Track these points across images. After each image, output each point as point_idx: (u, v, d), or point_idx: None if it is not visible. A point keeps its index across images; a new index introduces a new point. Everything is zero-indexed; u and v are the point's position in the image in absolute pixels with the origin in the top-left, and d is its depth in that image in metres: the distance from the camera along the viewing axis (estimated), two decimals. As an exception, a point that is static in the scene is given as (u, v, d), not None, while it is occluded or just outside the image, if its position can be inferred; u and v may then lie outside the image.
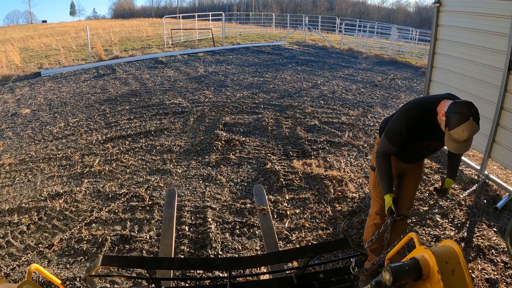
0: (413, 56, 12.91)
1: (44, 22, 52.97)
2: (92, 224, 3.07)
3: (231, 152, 4.37)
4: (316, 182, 3.69)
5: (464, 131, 1.66)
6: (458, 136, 1.68)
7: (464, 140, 1.69)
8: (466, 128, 1.65)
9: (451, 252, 1.15)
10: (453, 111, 1.70)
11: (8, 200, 3.50)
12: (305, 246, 1.79)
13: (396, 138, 1.97)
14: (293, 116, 5.60)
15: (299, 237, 2.89)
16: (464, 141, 1.69)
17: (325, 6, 61.98)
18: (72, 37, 18.47)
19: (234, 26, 22.44)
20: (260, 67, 9.61)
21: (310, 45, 14.07)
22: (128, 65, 10.14)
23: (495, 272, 2.53)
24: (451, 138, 1.73)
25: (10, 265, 2.62)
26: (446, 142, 1.76)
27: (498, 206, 3.26)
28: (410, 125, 1.91)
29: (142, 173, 3.92)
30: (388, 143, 2.02)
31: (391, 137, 2.00)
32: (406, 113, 1.96)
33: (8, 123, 5.79)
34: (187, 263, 1.85)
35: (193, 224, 3.05)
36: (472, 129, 1.65)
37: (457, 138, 1.69)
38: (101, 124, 5.41)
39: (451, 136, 1.72)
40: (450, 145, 1.74)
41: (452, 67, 4.05)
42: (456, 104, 1.73)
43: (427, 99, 2.01)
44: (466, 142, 1.70)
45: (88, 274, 1.38)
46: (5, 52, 12.19)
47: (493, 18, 3.40)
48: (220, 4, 67.27)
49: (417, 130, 1.92)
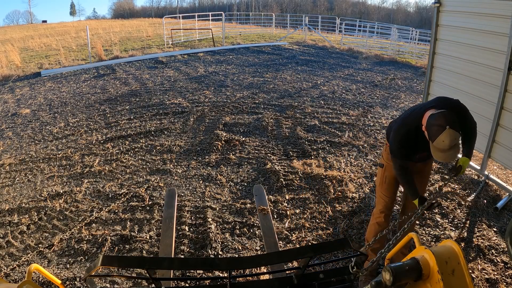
0: (413, 56, 12.91)
1: (44, 22, 52.98)
2: (92, 224, 3.07)
3: (231, 152, 4.37)
4: (316, 182, 3.69)
5: (444, 140, 1.76)
6: (441, 146, 1.79)
7: (449, 148, 1.78)
8: (445, 137, 1.76)
9: (451, 252, 1.15)
10: (430, 124, 1.83)
11: (8, 200, 3.50)
12: (305, 246, 1.79)
13: (399, 154, 2.10)
14: (293, 116, 5.60)
15: (299, 237, 2.89)
16: (449, 149, 1.78)
17: (325, 6, 61.98)
18: (72, 37, 18.47)
19: (234, 26, 22.43)
20: (260, 67, 9.61)
21: (310, 45, 14.07)
22: (128, 65, 10.14)
23: (495, 272, 2.53)
24: (435, 149, 1.83)
25: (10, 265, 2.62)
26: (433, 153, 1.86)
27: (498, 206, 3.26)
28: (403, 142, 2.06)
29: (142, 173, 3.92)
30: (398, 160, 2.13)
31: (395, 154, 2.13)
32: (397, 132, 2.10)
33: (8, 123, 5.79)
34: (187, 263, 1.85)
35: (193, 224, 3.05)
36: (451, 137, 1.75)
37: (441, 147, 1.79)
38: (101, 124, 5.42)
39: (435, 147, 1.82)
40: (437, 156, 1.84)
41: (452, 67, 4.05)
42: (433, 117, 1.84)
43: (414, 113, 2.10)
44: (451, 150, 1.79)
45: (88, 274, 1.38)
46: (5, 52, 12.19)
47: (493, 18, 3.39)
48: (220, 4, 67.29)
49: (411, 145, 2.06)
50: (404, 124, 2.08)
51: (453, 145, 1.78)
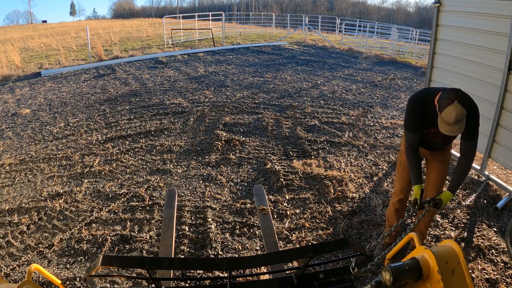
0: (413, 56, 12.91)
1: (44, 22, 52.98)
2: (92, 224, 3.07)
3: (231, 152, 4.37)
4: (316, 182, 3.69)
5: (450, 112, 1.86)
6: (447, 118, 1.89)
7: (454, 122, 1.88)
8: (452, 110, 1.86)
9: (451, 252, 1.15)
10: (441, 97, 1.93)
11: (8, 200, 3.50)
12: (305, 246, 1.78)
13: (410, 123, 2.21)
14: (293, 116, 5.60)
15: (299, 237, 2.89)
16: (454, 123, 1.88)
17: (325, 6, 61.97)
18: (72, 37, 18.47)
19: (234, 26, 22.44)
20: (260, 67, 9.60)
21: (310, 45, 14.07)
22: (128, 65, 10.14)
23: (495, 272, 2.53)
24: (442, 121, 1.93)
25: (10, 265, 2.62)
26: (439, 125, 1.95)
27: (498, 206, 3.26)
28: (414, 109, 2.16)
29: (142, 173, 3.92)
30: (408, 132, 2.24)
31: (407, 124, 2.25)
32: (410, 101, 2.21)
33: (8, 123, 5.79)
34: (187, 263, 1.85)
35: (193, 224, 3.05)
36: (457, 110, 1.85)
37: (447, 120, 1.89)
38: (101, 124, 5.41)
39: (442, 119, 1.92)
40: (443, 127, 1.94)
41: (452, 67, 4.05)
42: (445, 90, 1.96)
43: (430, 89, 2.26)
44: (457, 125, 1.89)
45: (88, 274, 1.38)
46: (5, 52, 12.19)
47: (493, 18, 3.39)
48: (220, 4, 67.29)
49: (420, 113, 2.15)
50: (417, 95, 2.21)
51: (459, 120, 1.87)
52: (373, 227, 3.01)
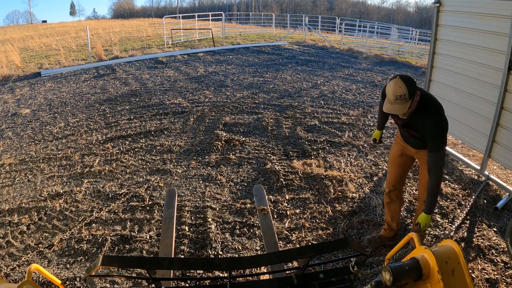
0: (413, 56, 12.91)
1: (44, 22, 53.01)
2: (92, 224, 3.07)
3: (231, 152, 4.37)
4: (316, 182, 3.69)
5: (390, 86, 1.98)
6: (388, 94, 2.00)
7: (395, 100, 1.96)
8: (391, 84, 1.97)
9: (451, 252, 1.15)
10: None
11: (8, 200, 3.50)
12: (305, 246, 1.78)
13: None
14: (293, 116, 5.60)
15: (299, 237, 2.89)
16: (395, 100, 1.96)
17: (325, 6, 61.99)
18: (72, 37, 18.47)
19: (234, 26, 22.44)
20: (260, 67, 9.60)
21: (310, 45, 14.07)
22: (128, 65, 10.14)
23: (495, 272, 2.53)
24: (386, 100, 2.04)
25: (10, 265, 2.62)
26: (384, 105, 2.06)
27: (498, 206, 3.26)
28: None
29: (142, 173, 3.92)
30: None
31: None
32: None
33: (8, 123, 5.79)
34: (187, 263, 1.85)
35: (193, 224, 3.05)
36: (396, 83, 1.94)
37: (388, 96, 2.00)
38: (101, 124, 5.41)
39: (386, 97, 2.04)
40: (385, 106, 2.04)
41: (452, 67, 4.05)
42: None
43: None
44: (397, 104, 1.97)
45: (88, 274, 1.38)
46: (5, 52, 12.19)
47: (493, 18, 3.39)
48: (220, 4, 67.30)
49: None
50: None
51: (399, 98, 1.95)
52: (373, 227, 3.01)
